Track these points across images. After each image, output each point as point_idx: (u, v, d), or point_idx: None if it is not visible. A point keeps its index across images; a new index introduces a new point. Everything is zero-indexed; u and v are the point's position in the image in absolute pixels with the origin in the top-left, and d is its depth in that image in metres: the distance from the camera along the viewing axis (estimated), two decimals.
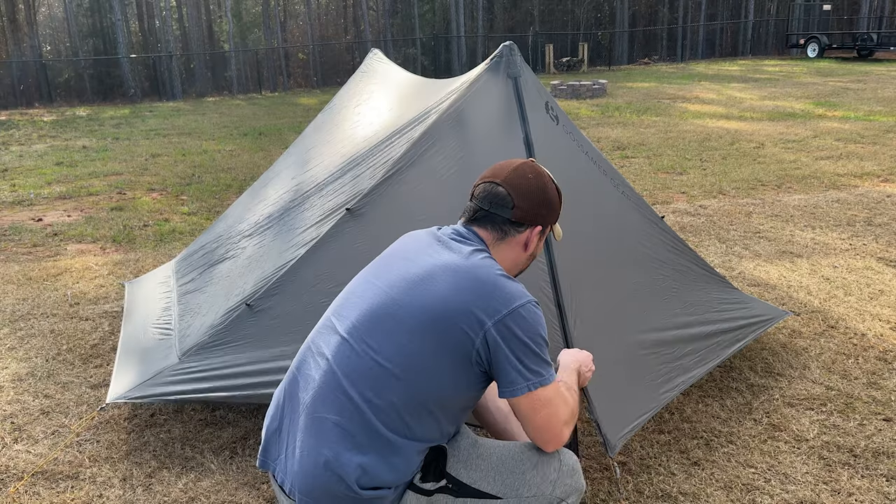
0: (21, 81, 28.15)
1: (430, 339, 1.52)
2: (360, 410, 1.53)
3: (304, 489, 1.53)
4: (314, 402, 1.57)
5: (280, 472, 1.60)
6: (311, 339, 1.71)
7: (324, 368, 1.60)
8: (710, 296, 2.98)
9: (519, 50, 2.59)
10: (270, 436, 1.66)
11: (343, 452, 1.51)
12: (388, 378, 1.53)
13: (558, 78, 21.67)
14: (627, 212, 2.77)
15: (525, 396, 1.52)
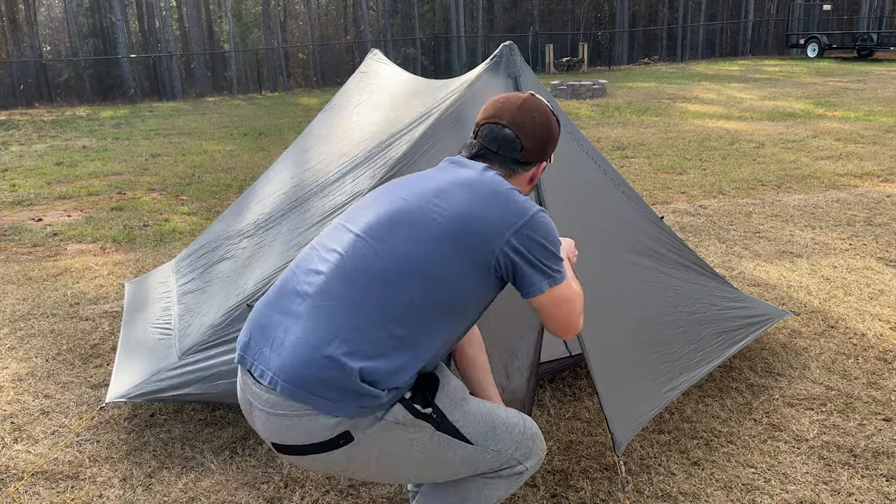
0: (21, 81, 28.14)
1: (450, 246, 1.54)
2: (372, 306, 1.51)
3: (296, 375, 1.47)
4: (321, 293, 1.54)
5: (260, 365, 1.53)
6: (316, 242, 1.67)
7: (334, 262, 1.57)
8: (710, 296, 2.98)
9: (519, 50, 2.58)
10: (255, 330, 1.59)
11: (348, 342, 1.48)
12: (408, 277, 1.53)
13: (558, 78, 21.67)
14: (628, 211, 2.77)
15: (547, 294, 1.59)
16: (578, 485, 2.32)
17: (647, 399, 2.40)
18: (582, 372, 3.08)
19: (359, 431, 1.49)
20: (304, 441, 1.49)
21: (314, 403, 1.46)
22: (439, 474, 1.62)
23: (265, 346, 1.55)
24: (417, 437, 1.55)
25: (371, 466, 1.55)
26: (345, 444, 1.49)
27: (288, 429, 1.49)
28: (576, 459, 2.45)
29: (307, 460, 1.54)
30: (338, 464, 1.53)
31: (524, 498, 2.26)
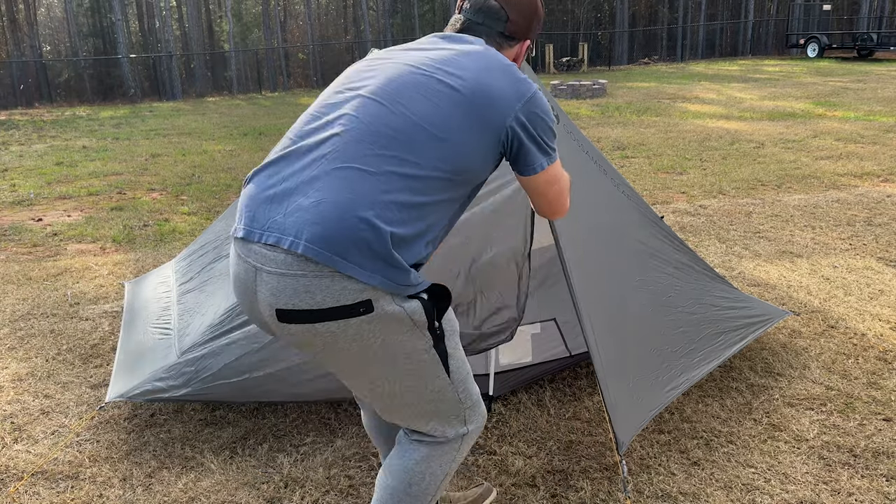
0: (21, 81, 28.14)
1: (466, 114, 1.52)
2: (393, 169, 1.47)
3: (323, 235, 1.40)
4: (339, 156, 1.47)
5: (274, 233, 1.44)
6: (316, 110, 1.60)
7: (348, 124, 1.51)
8: (710, 296, 2.98)
9: None
10: (261, 204, 1.49)
11: (376, 206, 1.43)
12: (427, 140, 1.49)
13: (558, 78, 21.67)
14: (628, 211, 2.77)
15: (544, 172, 1.62)
16: (578, 485, 2.32)
17: (648, 399, 2.40)
18: (582, 372, 3.08)
19: (378, 305, 1.44)
20: (321, 304, 1.41)
21: (341, 266, 1.40)
22: (409, 397, 1.59)
23: (277, 214, 1.46)
24: (416, 344, 1.53)
25: (363, 355, 1.50)
26: (364, 313, 1.43)
27: (305, 290, 1.41)
28: (576, 459, 2.45)
29: (306, 331, 1.46)
30: (337, 342, 1.47)
31: (524, 498, 2.26)
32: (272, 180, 1.51)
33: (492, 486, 2.24)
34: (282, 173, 1.51)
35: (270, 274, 1.44)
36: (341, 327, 1.44)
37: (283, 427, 2.70)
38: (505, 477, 2.37)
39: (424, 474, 1.68)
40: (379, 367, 1.52)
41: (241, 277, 1.52)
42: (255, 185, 1.55)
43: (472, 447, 2.54)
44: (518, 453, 2.50)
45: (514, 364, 2.88)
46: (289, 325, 1.45)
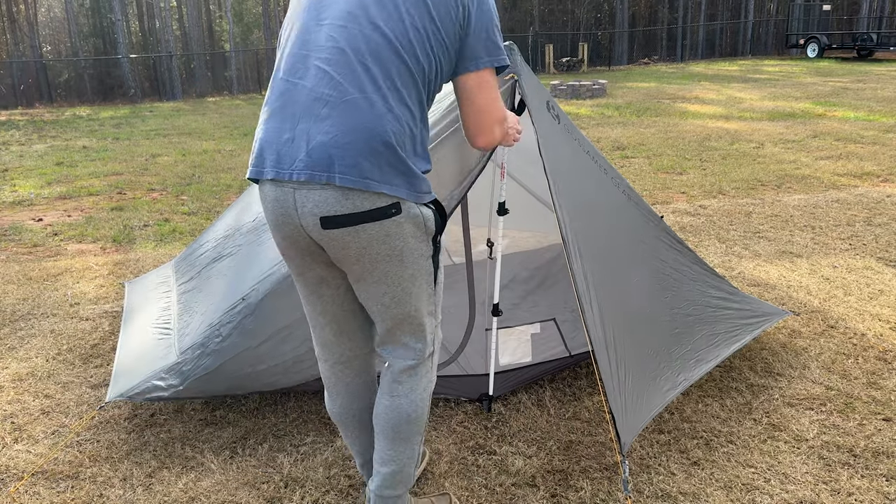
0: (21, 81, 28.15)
1: (426, 4, 1.65)
2: (386, 84, 1.61)
3: (349, 164, 1.57)
4: (338, 89, 1.61)
5: (301, 173, 1.61)
6: (298, 49, 1.70)
7: (335, 56, 1.63)
8: (707, 296, 2.98)
9: (519, 50, 2.58)
10: (282, 146, 1.65)
11: (385, 122, 1.60)
12: (404, 46, 1.63)
13: (558, 78, 21.68)
14: (629, 211, 2.77)
15: (482, 72, 1.72)
16: (578, 485, 2.32)
17: (647, 399, 2.40)
18: (582, 372, 3.08)
19: (405, 207, 1.65)
20: (360, 208, 1.61)
21: (373, 187, 1.59)
22: (407, 303, 1.78)
23: (300, 153, 1.61)
24: (423, 250, 1.74)
25: (388, 256, 1.69)
26: (394, 214, 1.64)
27: (345, 197, 1.60)
28: (576, 459, 2.46)
29: (348, 234, 1.64)
30: (373, 242, 1.65)
31: (524, 498, 2.27)
32: (286, 124, 1.65)
33: (452, 497, 2.25)
34: (289, 115, 1.65)
35: (311, 190, 1.62)
36: (375, 228, 1.64)
37: (283, 427, 2.71)
38: (505, 477, 2.37)
39: (415, 397, 1.86)
40: (397, 268, 1.71)
41: (280, 201, 1.66)
42: (268, 131, 1.68)
43: (472, 447, 2.54)
44: (518, 453, 2.50)
45: (513, 364, 2.88)
46: (332, 230, 1.64)
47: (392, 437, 1.86)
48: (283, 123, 1.65)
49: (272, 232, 1.76)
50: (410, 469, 1.91)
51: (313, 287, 1.84)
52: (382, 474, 1.90)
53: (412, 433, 1.87)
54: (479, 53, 1.71)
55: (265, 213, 1.73)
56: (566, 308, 3.16)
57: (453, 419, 2.72)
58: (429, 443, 2.57)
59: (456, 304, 3.46)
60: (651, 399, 2.40)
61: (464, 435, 2.62)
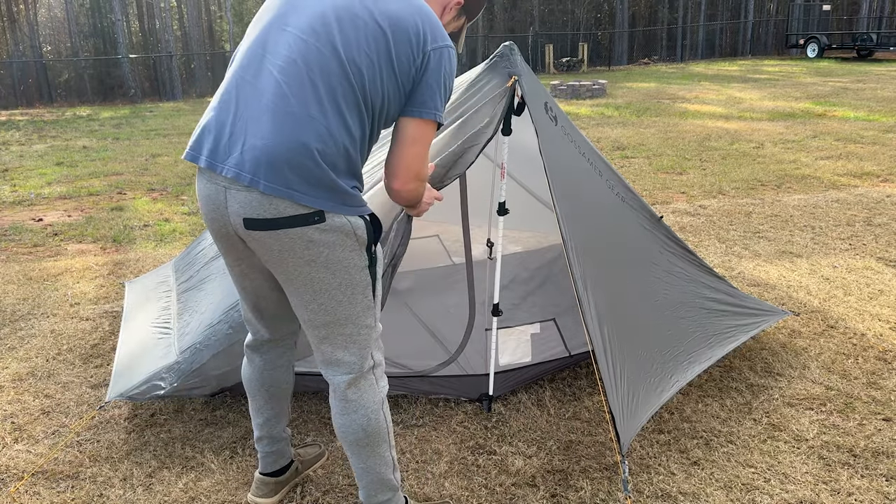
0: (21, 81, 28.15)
1: (387, 42, 1.69)
2: (327, 102, 1.65)
3: (274, 173, 1.61)
4: (280, 96, 1.65)
5: (230, 169, 1.64)
6: (257, 46, 1.73)
7: (284, 65, 1.67)
8: (704, 297, 2.98)
9: (519, 50, 2.59)
10: (220, 137, 1.69)
11: (317, 138, 1.64)
12: (352, 71, 1.67)
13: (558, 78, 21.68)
14: (623, 213, 2.77)
15: (423, 122, 1.75)
16: (578, 485, 2.32)
17: (643, 400, 2.40)
18: (582, 372, 3.08)
19: (329, 216, 1.67)
20: (282, 213, 1.64)
21: (296, 197, 1.63)
22: (340, 312, 1.78)
23: (235, 150, 1.65)
24: (356, 260, 1.75)
25: (312, 262, 1.70)
26: (317, 221, 1.66)
27: (269, 202, 1.64)
28: (576, 459, 2.46)
29: (270, 236, 1.67)
30: (295, 246, 1.68)
31: (524, 498, 2.27)
32: (230, 118, 1.69)
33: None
34: (234, 110, 1.69)
35: (239, 190, 1.66)
36: (298, 234, 1.67)
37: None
38: (505, 477, 2.37)
39: (365, 410, 1.86)
40: (322, 275, 1.73)
41: (211, 196, 1.72)
42: (213, 120, 1.72)
43: (472, 447, 2.54)
44: (518, 453, 2.50)
45: (513, 364, 2.88)
46: (254, 231, 1.68)
47: (357, 451, 1.89)
48: (227, 117, 1.69)
49: (205, 222, 1.80)
50: (387, 475, 1.94)
51: (237, 279, 1.93)
52: (364, 485, 1.95)
53: (375, 443, 1.89)
54: (427, 102, 1.74)
55: (199, 204, 1.78)
56: (566, 308, 3.17)
57: (453, 419, 2.72)
58: (429, 442, 2.58)
59: (456, 304, 3.46)
60: (646, 400, 2.40)
61: (464, 435, 2.62)
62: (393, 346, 2.98)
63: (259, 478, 2.20)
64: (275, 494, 2.21)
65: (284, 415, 2.15)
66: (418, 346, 3.03)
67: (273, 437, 2.16)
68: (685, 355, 2.68)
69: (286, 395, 2.13)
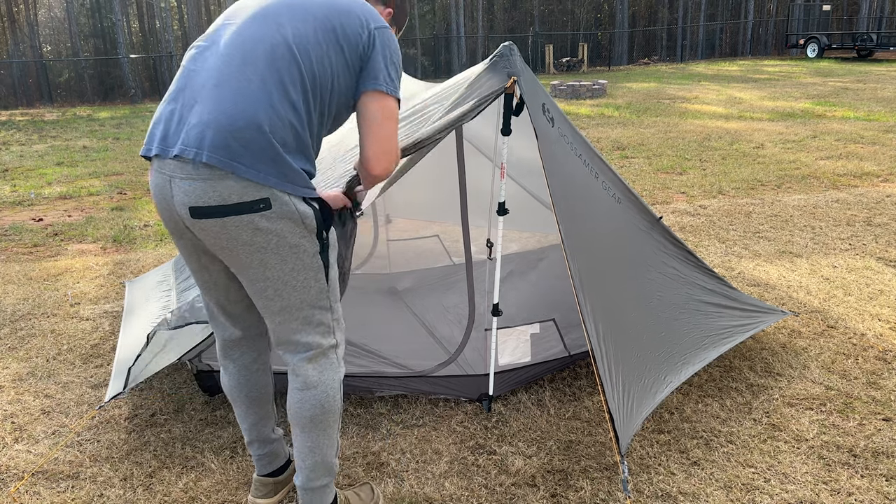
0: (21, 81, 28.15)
1: (332, 27, 1.76)
2: (273, 80, 1.68)
3: (220, 143, 1.62)
4: (225, 74, 1.69)
5: (179, 146, 1.66)
6: (204, 41, 1.80)
7: (231, 46, 1.72)
8: (699, 299, 2.98)
9: (519, 50, 2.59)
10: (167, 124, 1.72)
11: (263, 111, 1.66)
12: (299, 51, 1.72)
13: (558, 78, 21.68)
14: (619, 215, 2.77)
15: (382, 96, 1.79)
16: (578, 485, 2.32)
17: (638, 401, 2.40)
18: (582, 372, 3.08)
19: (275, 204, 1.68)
20: (227, 200, 1.65)
21: (239, 170, 1.63)
22: (294, 297, 1.81)
23: (181, 131, 1.68)
24: (307, 247, 1.77)
25: (262, 249, 1.72)
26: (263, 209, 1.67)
27: (213, 189, 1.65)
28: (576, 459, 2.46)
29: (216, 225, 1.68)
30: (241, 235, 1.69)
31: (524, 498, 2.27)
32: (178, 105, 1.73)
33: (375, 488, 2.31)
34: (182, 98, 1.73)
35: (183, 180, 1.67)
36: (244, 221, 1.68)
37: (283, 427, 2.71)
38: (505, 477, 2.37)
39: (325, 387, 1.89)
40: (273, 261, 1.74)
41: (159, 187, 1.74)
42: (161, 112, 1.76)
43: (472, 447, 2.54)
44: (518, 453, 2.50)
45: (513, 364, 2.89)
46: (200, 220, 1.69)
47: (309, 429, 1.90)
48: (175, 105, 1.73)
49: (159, 216, 1.82)
50: (331, 458, 1.96)
51: (197, 274, 1.93)
52: (306, 467, 1.95)
53: (328, 423, 1.91)
54: (379, 75, 1.80)
55: (153, 197, 1.81)
56: (566, 308, 3.17)
57: (453, 419, 2.72)
58: (429, 442, 2.58)
59: (456, 305, 3.46)
60: (641, 401, 2.40)
61: (464, 435, 2.62)
62: (393, 346, 2.99)
63: (258, 479, 2.20)
64: (275, 495, 2.21)
65: (270, 417, 2.15)
66: (418, 346, 3.03)
67: (263, 439, 2.15)
68: (679, 356, 2.68)
69: (268, 398, 2.12)
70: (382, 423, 2.71)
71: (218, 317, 2.01)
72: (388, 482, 2.35)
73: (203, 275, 1.92)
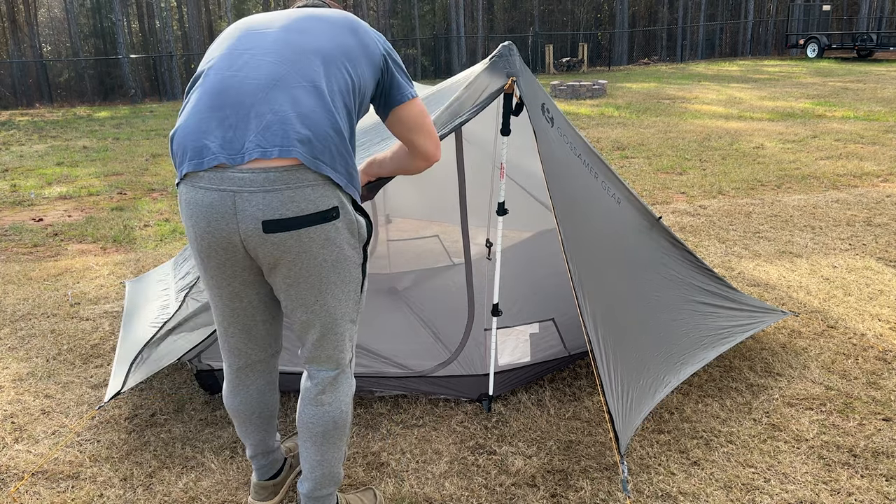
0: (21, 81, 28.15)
1: (354, 39, 1.80)
2: (322, 83, 1.68)
3: (301, 140, 1.60)
4: (282, 77, 1.65)
5: (251, 152, 1.59)
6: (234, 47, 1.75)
7: (277, 52, 1.70)
8: (697, 300, 2.98)
9: (519, 50, 2.58)
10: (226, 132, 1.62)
11: (328, 113, 1.66)
12: (338, 57, 1.74)
13: (558, 78, 21.69)
14: (618, 216, 2.77)
15: (415, 101, 1.88)
16: (578, 485, 2.32)
17: (637, 401, 2.40)
18: (582, 372, 3.08)
19: (343, 212, 1.70)
20: (304, 211, 1.62)
21: (322, 168, 1.62)
22: (338, 309, 1.81)
23: (249, 134, 1.60)
24: (355, 258, 1.79)
25: (322, 263, 1.71)
26: (335, 218, 1.67)
27: (290, 200, 1.61)
28: (576, 459, 2.46)
29: (290, 238, 1.64)
30: (312, 247, 1.67)
31: (524, 498, 2.27)
32: (224, 111, 1.63)
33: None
34: (231, 104, 1.64)
35: (253, 193, 1.60)
36: (317, 232, 1.66)
37: (283, 427, 2.71)
38: (505, 477, 2.37)
39: (339, 403, 1.89)
40: (329, 274, 1.74)
41: (214, 205, 1.62)
42: (202, 121, 1.64)
43: (472, 447, 2.54)
44: (518, 453, 2.50)
45: (513, 364, 2.89)
46: (274, 234, 1.63)
47: (321, 443, 1.90)
48: (220, 112, 1.63)
49: (195, 241, 1.70)
50: (338, 468, 1.96)
51: (227, 301, 1.84)
52: (314, 478, 1.93)
53: (339, 436, 1.91)
54: (405, 86, 1.87)
55: (192, 219, 1.67)
56: (565, 308, 3.17)
57: (453, 419, 2.72)
58: (429, 442, 2.58)
59: (455, 305, 3.46)
60: (640, 401, 2.40)
61: (464, 435, 2.62)
62: (393, 346, 2.98)
63: (258, 483, 2.19)
64: (275, 496, 2.21)
65: (275, 428, 2.14)
66: (418, 346, 3.03)
67: (267, 451, 2.15)
68: (678, 357, 2.68)
69: (276, 413, 2.11)
70: (382, 423, 2.71)
71: (239, 343, 1.93)
72: (388, 482, 2.35)
73: (234, 302, 1.83)
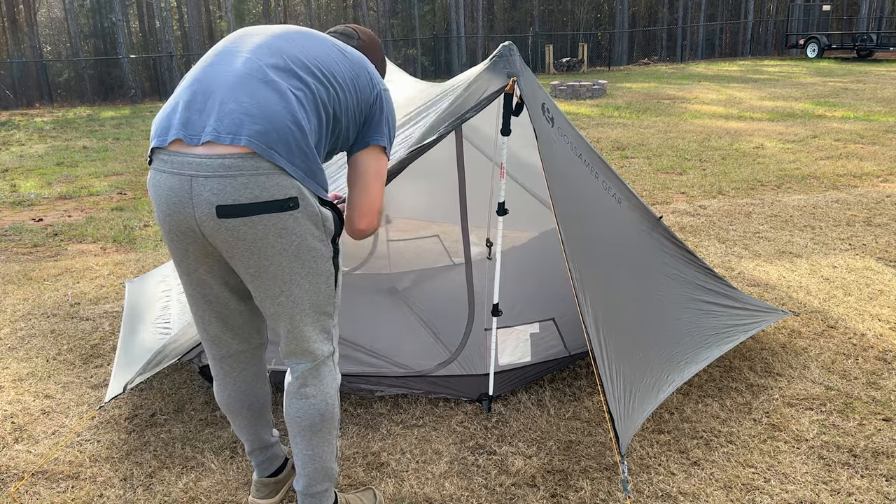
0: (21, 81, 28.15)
1: (351, 67, 1.84)
2: (299, 86, 1.71)
3: (258, 131, 1.61)
4: (258, 70, 1.69)
5: (211, 133, 1.62)
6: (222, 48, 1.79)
7: (257, 47, 1.75)
8: (698, 299, 2.98)
9: (519, 50, 2.59)
10: (193, 113, 1.66)
11: (298, 109, 1.68)
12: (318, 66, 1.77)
13: (558, 78, 21.69)
14: (619, 216, 2.77)
15: (381, 154, 1.87)
16: (578, 485, 2.32)
17: (639, 401, 2.40)
18: (582, 372, 3.08)
19: (303, 203, 1.68)
20: (258, 198, 1.62)
21: (276, 159, 1.62)
22: (307, 300, 1.80)
23: (209, 120, 1.64)
24: (323, 251, 1.78)
25: (282, 253, 1.71)
26: (292, 208, 1.66)
27: (244, 186, 1.62)
28: (576, 459, 2.46)
29: (244, 225, 1.64)
30: (268, 235, 1.67)
31: (524, 498, 2.27)
32: (197, 97, 1.68)
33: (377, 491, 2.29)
34: (204, 91, 1.68)
35: (208, 178, 1.62)
36: (273, 220, 1.66)
37: (283, 427, 2.71)
38: (505, 477, 2.37)
39: (324, 395, 1.89)
40: (293, 264, 1.73)
41: (173, 189, 1.66)
42: (176, 107, 1.70)
43: (472, 447, 2.54)
44: (518, 453, 2.50)
45: (513, 364, 2.89)
46: (227, 219, 1.64)
47: (310, 437, 1.90)
48: (195, 97, 1.68)
49: (161, 225, 1.75)
50: (331, 464, 1.96)
51: (196, 287, 1.86)
52: (306, 474, 1.94)
53: (327, 430, 1.91)
54: (383, 130, 1.87)
55: (156, 203, 1.72)
56: (565, 308, 3.17)
57: (453, 419, 2.72)
58: (429, 442, 2.58)
59: (456, 305, 3.46)
60: (643, 400, 2.40)
61: (464, 435, 2.62)
62: (393, 346, 2.98)
63: (258, 481, 2.20)
64: (276, 494, 2.21)
65: (269, 423, 2.15)
66: (418, 346, 3.03)
67: (264, 446, 2.15)
68: (681, 356, 2.68)
69: (268, 406, 2.11)
70: (382, 423, 2.71)
71: (217, 332, 1.94)
72: (388, 482, 2.35)
73: (203, 289, 1.85)
